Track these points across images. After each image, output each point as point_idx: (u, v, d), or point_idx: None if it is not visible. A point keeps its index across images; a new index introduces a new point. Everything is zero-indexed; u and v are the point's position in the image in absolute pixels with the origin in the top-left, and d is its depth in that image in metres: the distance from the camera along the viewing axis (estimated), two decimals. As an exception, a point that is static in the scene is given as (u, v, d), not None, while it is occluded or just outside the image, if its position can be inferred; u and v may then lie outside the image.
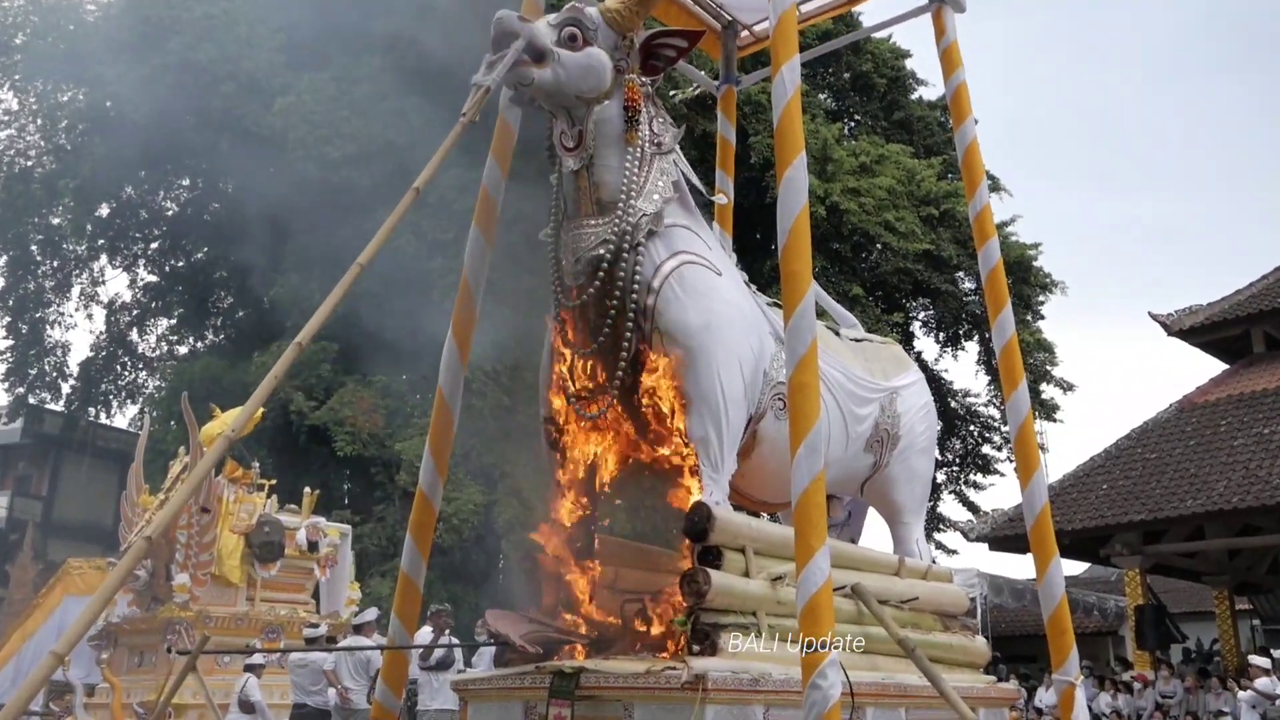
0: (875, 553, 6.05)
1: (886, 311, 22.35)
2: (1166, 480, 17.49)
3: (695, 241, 5.40)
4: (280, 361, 4.20)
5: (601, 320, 5.20)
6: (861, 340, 6.76)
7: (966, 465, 25.72)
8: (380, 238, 4.70)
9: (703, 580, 4.58)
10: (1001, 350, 6.52)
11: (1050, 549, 6.26)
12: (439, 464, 6.15)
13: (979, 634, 6.47)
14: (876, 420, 6.28)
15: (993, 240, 6.65)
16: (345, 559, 15.63)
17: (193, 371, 24.01)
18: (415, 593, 6.10)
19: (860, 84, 25.74)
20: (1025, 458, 6.44)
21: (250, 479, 14.76)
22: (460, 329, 6.14)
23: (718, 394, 5.09)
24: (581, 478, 5.51)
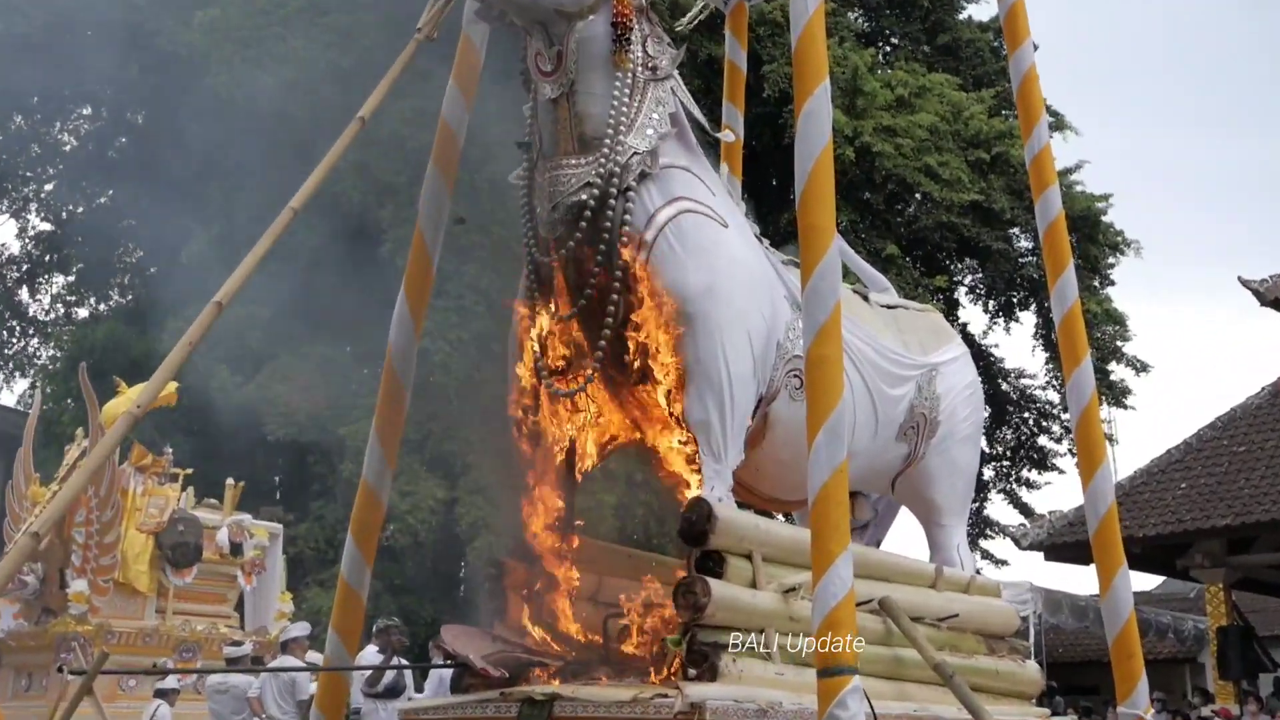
0: (908, 560, 6.07)
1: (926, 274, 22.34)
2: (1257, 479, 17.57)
3: (696, 186, 5.39)
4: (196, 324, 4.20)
5: (583, 279, 5.19)
6: (895, 307, 6.76)
7: (1019, 459, 25.79)
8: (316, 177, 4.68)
9: (701, 591, 4.59)
10: (1062, 321, 6.52)
11: (1117, 559, 6.28)
12: (388, 451, 6.15)
13: (1030, 659, 6.51)
14: (911, 402, 6.29)
15: (1053, 189, 6.64)
16: (275, 564, 15.64)
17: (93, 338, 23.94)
18: (358, 605, 6.10)
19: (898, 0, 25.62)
20: (1088, 450, 6.45)
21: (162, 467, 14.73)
22: (414, 289, 6.12)
23: (721, 370, 5.09)
24: (557, 469, 5.52)
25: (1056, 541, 18.69)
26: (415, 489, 18.86)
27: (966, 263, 24.58)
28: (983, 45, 25.51)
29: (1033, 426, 25.77)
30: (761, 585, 4.90)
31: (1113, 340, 23.61)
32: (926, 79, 22.85)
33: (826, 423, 4.42)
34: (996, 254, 22.91)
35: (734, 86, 7.77)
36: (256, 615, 15.29)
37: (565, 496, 5.53)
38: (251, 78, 20.65)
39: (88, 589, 13.30)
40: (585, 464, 5.53)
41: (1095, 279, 23.47)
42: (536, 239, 5.37)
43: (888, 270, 18.69)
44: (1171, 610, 23.31)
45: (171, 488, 14.66)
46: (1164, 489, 18.45)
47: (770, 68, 20.31)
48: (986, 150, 22.14)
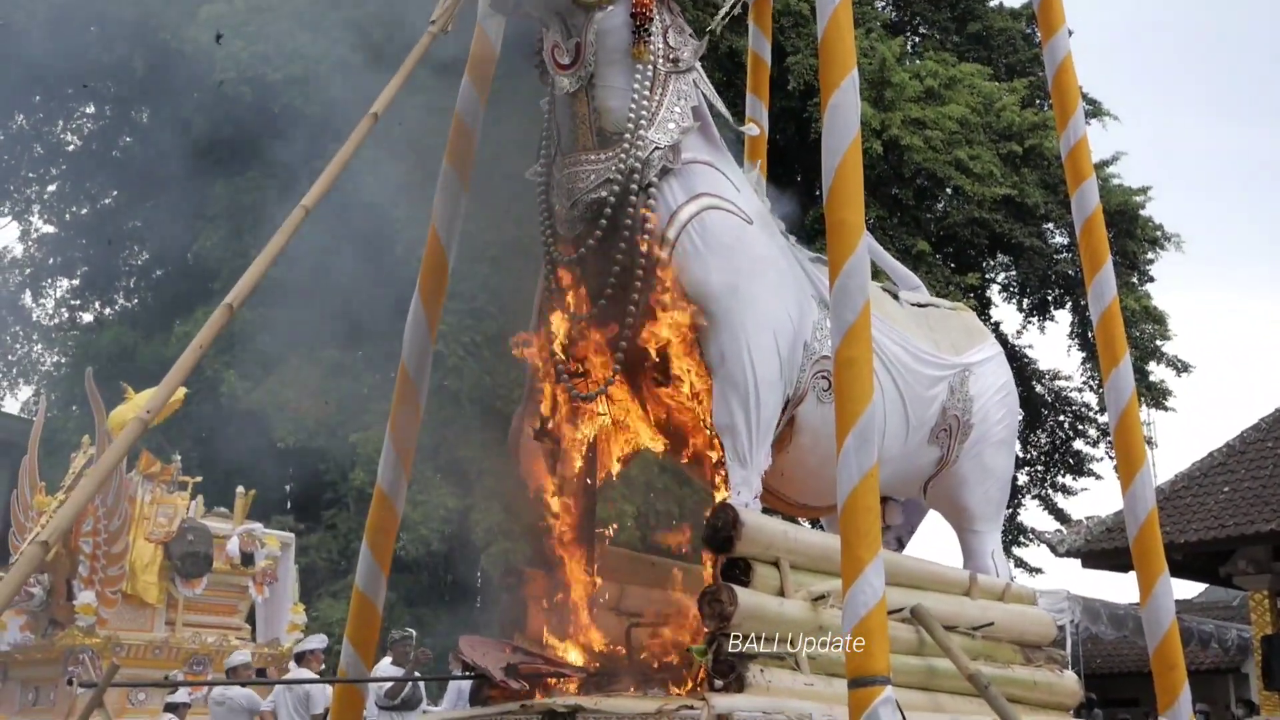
0: (940, 567, 6.07)
1: (958, 271, 22.30)
2: (1303, 483, 17.45)
3: (720, 181, 5.40)
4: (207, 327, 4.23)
5: (603, 279, 5.21)
6: (926, 306, 6.76)
7: (1054, 464, 25.70)
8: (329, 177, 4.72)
9: (727, 600, 4.61)
10: (1100, 320, 6.51)
11: (1158, 566, 6.27)
12: (402, 458, 6.18)
13: (1068, 668, 6.50)
14: (944, 404, 6.28)
15: (1090, 182, 6.63)
16: (287, 575, 15.71)
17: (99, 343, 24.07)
18: (373, 615, 6.13)
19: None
20: (1127, 453, 6.43)
21: (170, 475, 14.82)
22: (428, 291, 6.15)
23: (747, 372, 5.11)
24: (577, 475, 5.54)
25: (1094, 548, 18.61)
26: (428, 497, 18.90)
27: (999, 259, 24.51)
28: (1015, 33, 25.45)
29: (1068, 430, 25.68)
30: (789, 593, 4.91)
31: (1152, 339, 23.51)
32: (957, 69, 22.80)
33: (856, 426, 4.43)
34: (1030, 250, 22.84)
35: (758, 79, 7.79)
36: (268, 627, 15.36)
37: (585, 502, 5.55)
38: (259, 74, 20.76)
39: (95, 600, 13.38)
40: (606, 469, 5.55)
41: (1134, 275, 23.38)
42: (555, 237, 5.39)
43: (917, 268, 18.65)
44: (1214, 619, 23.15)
45: (180, 496, 14.74)
46: (1206, 493, 18.35)
47: (795, 59, 20.32)
48: (1019, 143, 22.08)
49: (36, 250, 27.88)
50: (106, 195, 26.99)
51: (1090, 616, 18.20)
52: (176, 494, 14.75)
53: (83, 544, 13.55)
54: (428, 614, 19.14)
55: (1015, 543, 24.26)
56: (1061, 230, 23.12)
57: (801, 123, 20.41)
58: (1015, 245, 22.74)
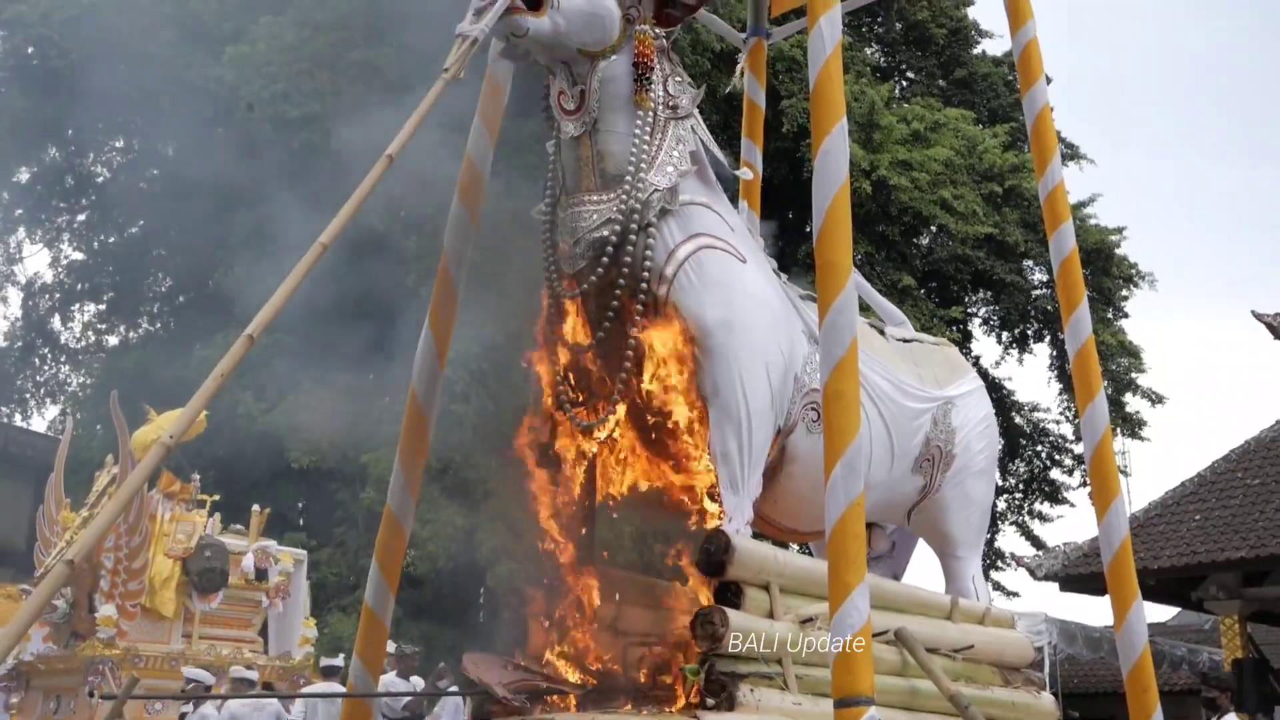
0: (924, 592, 6.06)
1: (941, 306, 22.34)
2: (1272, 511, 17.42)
3: (716, 222, 5.43)
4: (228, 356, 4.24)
5: (603, 313, 5.23)
6: (911, 341, 6.77)
7: (1031, 492, 25.66)
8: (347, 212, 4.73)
9: (719, 621, 4.60)
10: (1076, 354, 6.53)
11: (1131, 590, 6.26)
12: (411, 479, 6.18)
13: (1046, 690, 6.48)
14: (927, 435, 6.29)
15: (1067, 224, 6.66)
16: (300, 590, 15.68)
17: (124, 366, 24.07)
18: (382, 631, 6.13)
19: (914, 36, 25.73)
20: (1103, 482, 6.44)
21: (189, 494, 14.81)
22: (438, 320, 6.17)
23: (739, 402, 5.12)
24: (577, 499, 5.54)
25: (1071, 572, 18.56)
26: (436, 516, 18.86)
27: (981, 294, 24.56)
28: (997, 79, 25.58)
29: (1045, 459, 25.65)
30: (779, 615, 4.90)
31: (1127, 372, 23.52)
32: (942, 113, 22.91)
33: (843, 456, 4.44)
34: (1010, 286, 22.89)
35: (753, 123, 7.83)
36: (280, 640, 15.32)
37: (585, 525, 5.55)
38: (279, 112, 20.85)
39: (115, 613, 13.35)
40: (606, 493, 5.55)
41: (1109, 311, 23.41)
42: (558, 273, 5.42)
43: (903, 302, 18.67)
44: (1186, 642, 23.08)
45: (199, 514, 14.73)
46: (1178, 521, 18.31)
47: (789, 102, 20.40)
48: (1000, 184, 22.16)
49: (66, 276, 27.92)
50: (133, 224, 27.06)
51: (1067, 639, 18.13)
52: (195, 512, 14.74)
53: (104, 559, 13.53)
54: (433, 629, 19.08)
55: (994, 567, 24.20)
56: (1040, 267, 23.17)
57: (795, 162, 20.48)
58: (996, 281, 22.79)
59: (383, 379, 20.77)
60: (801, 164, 20.07)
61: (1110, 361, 22.21)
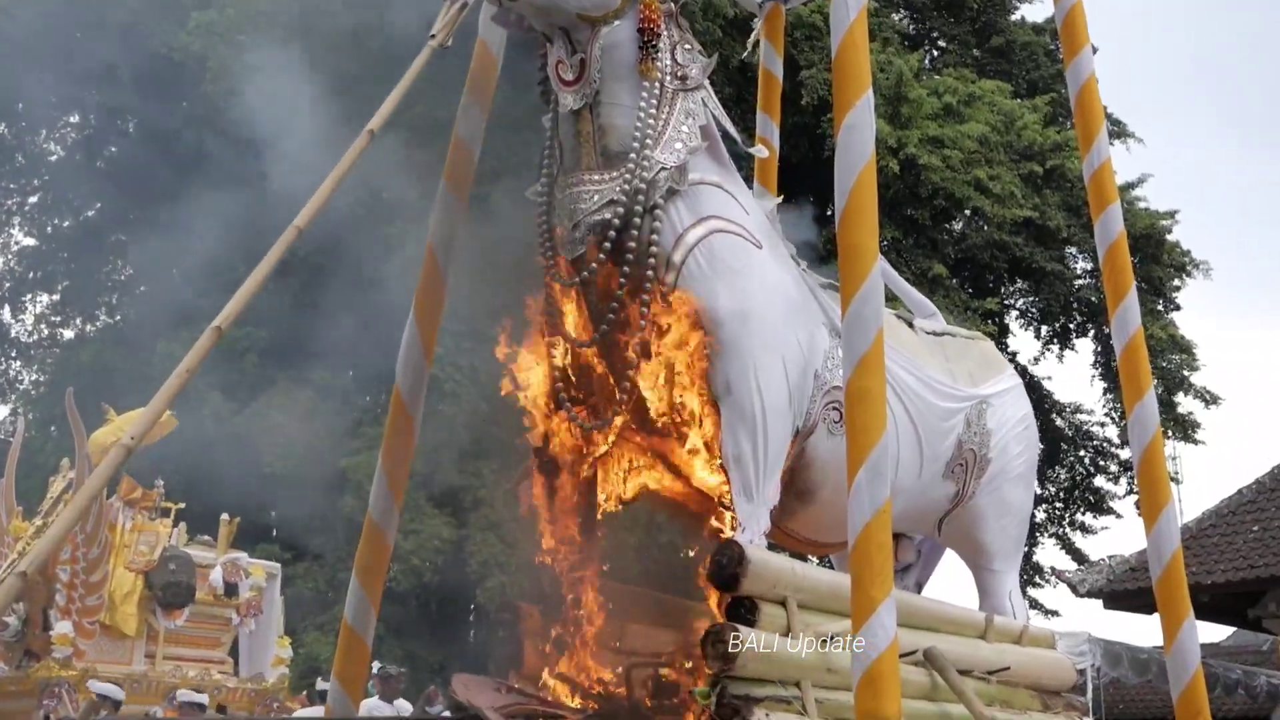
0: (955, 608, 6.07)
1: (975, 296, 22.34)
2: (1337, 521, 17.42)
3: (729, 204, 5.43)
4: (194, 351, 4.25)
5: (605, 304, 5.23)
6: (942, 335, 6.78)
7: (1073, 501, 25.67)
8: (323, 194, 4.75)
9: (731, 639, 4.61)
10: (1123, 348, 6.53)
11: (1183, 608, 6.27)
12: (394, 486, 6.20)
13: (1089, 715, 6.49)
14: (960, 438, 6.30)
15: (1114, 208, 6.66)
16: (273, 606, 15.69)
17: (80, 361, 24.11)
18: (363, 651, 6.14)
19: (946, 1, 25.69)
20: (1152, 489, 6.44)
21: (152, 502, 14.81)
22: (424, 312, 6.18)
23: (755, 401, 5.13)
24: (577, 507, 5.55)
25: (1117, 588, 18.55)
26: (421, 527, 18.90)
27: (1018, 285, 24.53)
28: (1037, 48, 25.52)
29: (1089, 466, 25.64)
30: (797, 633, 4.91)
31: (1179, 369, 23.49)
32: (977, 86, 22.87)
33: (868, 459, 4.44)
34: (1051, 275, 22.87)
35: (769, 96, 7.81)
36: (252, 661, 15.32)
37: (586, 536, 5.56)
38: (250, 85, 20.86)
39: (72, 631, 13.36)
40: (609, 502, 5.56)
41: (1159, 303, 23.39)
42: (555, 260, 5.42)
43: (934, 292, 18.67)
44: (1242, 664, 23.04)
45: (162, 523, 14.73)
46: (1234, 532, 18.30)
47: (808, 73, 20.39)
48: (1041, 163, 22.13)
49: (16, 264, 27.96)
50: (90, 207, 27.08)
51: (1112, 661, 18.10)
52: (158, 521, 14.74)
53: (60, 572, 13.54)
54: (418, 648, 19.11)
55: (1031, 583, 24.18)
56: (1084, 254, 23.14)
57: (815, 139, 20.46)
58: (1036, 270, 22.76)
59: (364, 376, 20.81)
60: (822, 141, 20.05)
61: (1160, 358, 22.18)
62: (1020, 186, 21.73)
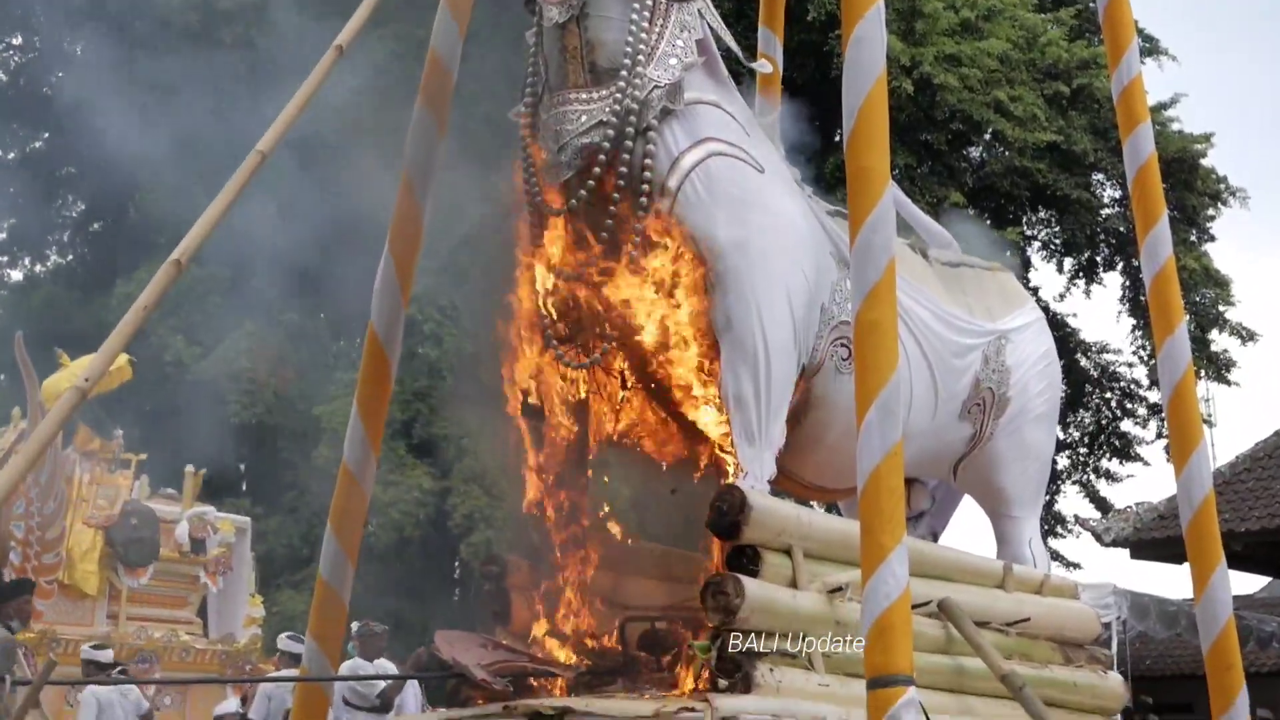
0: (972, 557, 6.11)
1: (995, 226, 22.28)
2: (1379, 465, 17.52)
3: (728, 124, 5.41)
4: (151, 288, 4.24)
5: (595, 233, 5.23)
6: (958, 266, 6.78)
7: (1098, 446, 25.76)
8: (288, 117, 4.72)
9: (733, 591, 4.64)
10: (1153, 280, 6.52)
11: (1214, 556, 6.30)
12: (371, 434, 6.19)
13: (1113, 670, 6.55)
14: (977, 376, 6.32)
15: (1144, 127, 6.62)
16: (243, 563, 15.77)
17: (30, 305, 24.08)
18: (339, 608, 6.16)
19: (963, -93, 25.43)
20: (1182, 430, 6.45)
21: (112, 453, 14.85)
22: (400, 246, 6.14)
23: (757, 337, 5.14)
24: (566, 453, 5.56)
25: (1144, 537, 18.69)
26: (401, 478, 18.96)
27: (1041, 214, 24.49)
28: (1062, -43, 25.30)
29: (1115, 409, 25.70)
30: (803, 584, 4.94)
31: (1213, 305, 23.51)
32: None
33: (878, 398, 4.44)
34: (1076, 204, 22.82)
35: (772, 10, 7.75)
36: (222, 621, 15.43)
37: (576, 484, 5.58)
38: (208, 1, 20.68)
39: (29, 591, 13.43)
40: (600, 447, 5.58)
41: (1193, 233, 23.37)
42: (540, 186, 5.40)
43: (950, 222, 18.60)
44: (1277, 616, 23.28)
45: (123, 476, 14.76)
46: (1271, 477, 18.41)
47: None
48: (1066, 82, 22.02)
49: (-42, 199, 27.79)
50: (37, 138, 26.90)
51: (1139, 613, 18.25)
52: (118, 473, 14.78)
53: (14, 528, 13.58)
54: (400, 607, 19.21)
55: (1053, 533, 24.31)
56: (1112, 182, 23.08)
57: (822, 58, 20.34)
58: (1060, 198, 22.70)
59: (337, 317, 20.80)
60: (830, 59, 19.94)
61: (1193, 292, 22.19)
62: (1044, 108, 21.63)
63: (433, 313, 18.59)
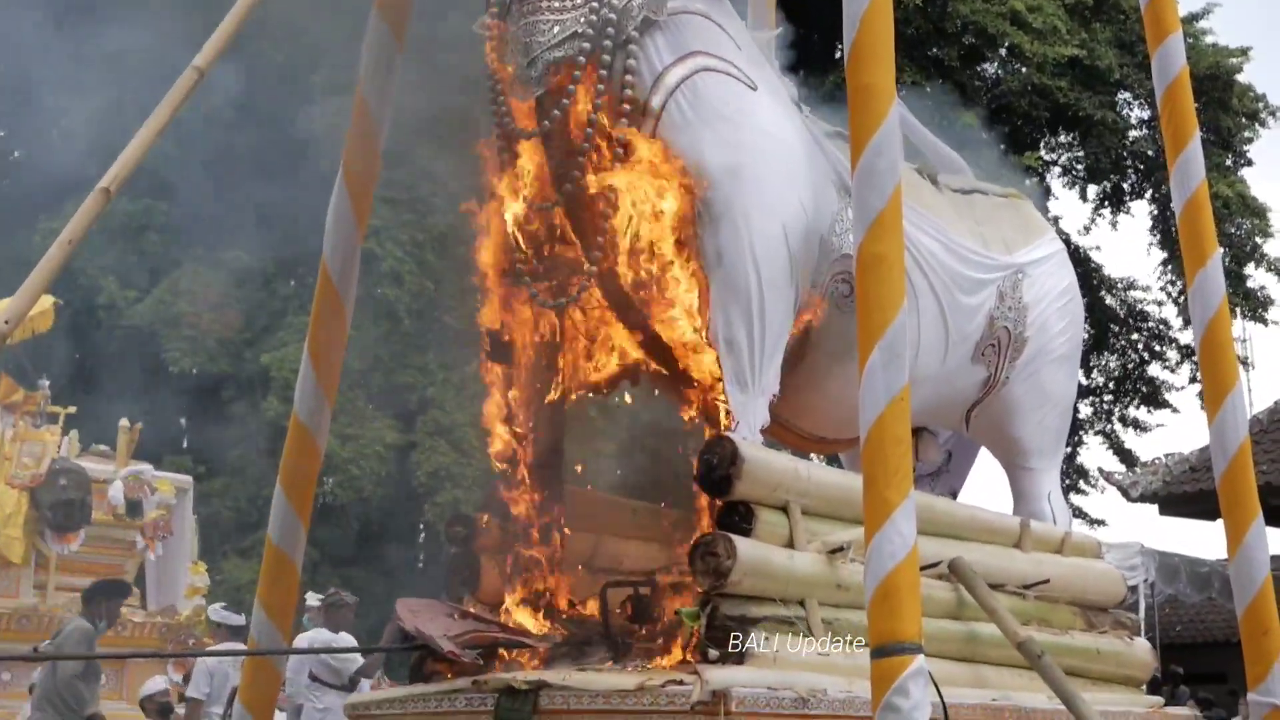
0: (985, 513, 6.14)
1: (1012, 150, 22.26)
2: None
3: (717, 37, 5.38)
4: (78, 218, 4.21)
5: (571, 158, 5.20)
6: (971, 193, 6.77)
7: (1124, 393, 25.86)
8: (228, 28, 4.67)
9: (724, 552, 4.65)
10: (1184, 208, 6.52)
11: (1250, 510, 6.34)
12: (325, 383, 6.19)
13: (1140, 636, 6.60)
14: (991, 314, 6.32)
15: (1175, 37, 6.60)
16: (184, 527, 15.76)
17: (-56, 243, 23.93)
18: (291, 574, 6.18)
19: None
20: (1215, 372, 6.47)
21: (36, 405, 14.79)
22: (355, 176, 6.12)
23: (749, 273, 5.13)
24: (540, 402, 5.56)
25: (1174, 491, 18.81)
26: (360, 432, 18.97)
27: (1062, 137, 24.47)
28: None
29: (1143, 351, 25.80)
30: (801, 544, 4.95)
31: (1250, 236, 23.56)
32: (1013, -104, 22.58)
33: (883, 339, 4.44)
34: (1101, 125, 22.81)
35: (764, -92, 7.70)
36: (162, 592, 15.45)
37: (553, 435, 5.58)
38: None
39: (-52, 560, 13.44)
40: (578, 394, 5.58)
41: (1227, 157, 23.38)
42: (509, 106, 5.36)
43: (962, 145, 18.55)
44: (1319, 577, 23.52)
45: (50, 431, 14.71)
46: (1312, 424, 18.51)
47: (810, -115, 20.09)
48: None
49: None
50: (-53, 56, 26.63)
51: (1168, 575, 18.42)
52: (45, 429, 14.72)
53: (-71, 489, 13.57)
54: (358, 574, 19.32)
55: (1075, 489, 24.48)
56: (1140, 101, 23.09)
57: (820, -36, 20.22)
58: (1083, 119, 22.69)
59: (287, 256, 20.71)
60: (829, -35, 19.81)
61: (1228, 222, 22.23)
62: (1064, 19, 21.59)
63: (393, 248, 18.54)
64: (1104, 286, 25.16)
